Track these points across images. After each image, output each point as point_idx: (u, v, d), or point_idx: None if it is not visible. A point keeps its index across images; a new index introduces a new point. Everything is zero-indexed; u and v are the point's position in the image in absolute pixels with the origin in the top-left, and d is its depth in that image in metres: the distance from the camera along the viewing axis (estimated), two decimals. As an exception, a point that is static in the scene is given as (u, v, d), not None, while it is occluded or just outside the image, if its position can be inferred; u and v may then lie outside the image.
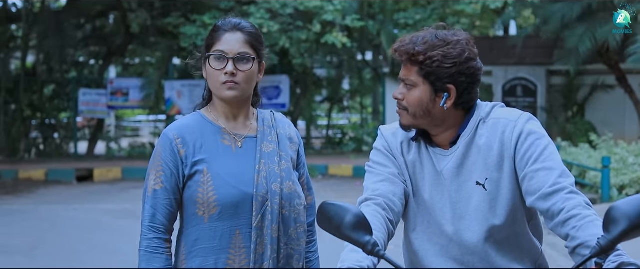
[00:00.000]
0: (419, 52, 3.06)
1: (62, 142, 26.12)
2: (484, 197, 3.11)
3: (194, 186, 3.33)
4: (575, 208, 2.86)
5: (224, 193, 3.30)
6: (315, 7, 20.79)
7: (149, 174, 3.38)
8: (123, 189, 18.59)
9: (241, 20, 3.41)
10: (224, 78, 3.32)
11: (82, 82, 25.75)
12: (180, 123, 3.43)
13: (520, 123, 3.10)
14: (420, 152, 3.24)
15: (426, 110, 3.12)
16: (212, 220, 3.32)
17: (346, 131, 29.04)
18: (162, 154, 3.35)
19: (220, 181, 3.31)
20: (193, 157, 3.33)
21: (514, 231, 3.15)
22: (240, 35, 3.35)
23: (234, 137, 3.42)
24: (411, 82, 3.12)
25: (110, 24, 26.40)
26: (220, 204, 3.30)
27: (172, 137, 3.35)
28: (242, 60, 3.34)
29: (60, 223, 13.61)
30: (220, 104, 3.43)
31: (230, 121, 3.44)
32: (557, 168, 2.99)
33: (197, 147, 3.35)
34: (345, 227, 2.73)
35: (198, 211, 3.34)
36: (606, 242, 2.56)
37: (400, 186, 3.19)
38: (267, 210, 3.35)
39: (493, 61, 23.30)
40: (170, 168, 3.33)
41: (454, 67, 3.05)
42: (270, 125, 3.51)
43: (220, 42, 3.34)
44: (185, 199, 3.37)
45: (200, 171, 3.32)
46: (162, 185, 3.33)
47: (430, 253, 3.23)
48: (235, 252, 3.33)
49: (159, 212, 3.34)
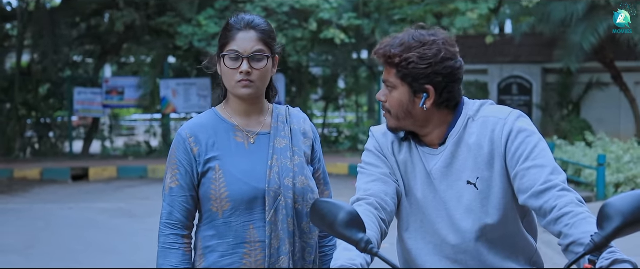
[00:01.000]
0: (395, 54, 3.08)
1: (57, 141, 26.08)
2: (475, 196, 3.11)
3: (207, 183, 3.41)
4: (567, 205, 2.86)
5: (235, 189, 3.37)
6: (312, 5, 20.80)
7: (166, 173, 3.48)
8: (118, 188, 18.57)
9: (254, 18, 3.46)
10: (240, 77, 3.38)
11: (77, 81, 25.69)
12: (194, 122, 3.51)
13: (510, 121, 3.10)
14: (411, 152, 3.24)
15: (407, 111, 3.13)
16: (225, 216, 3.40)
17: (342, 130, 29.06)
18: (177, 152, 3.45)
19: (231, 177, 3.38)
20: (206, 155, 3.41)
21: (508, 230, 3.15)
22: (254, 33, 3.41)
23: (247, 134, 3.48)
24: (391, 84, 3.14)
25: (105, 22, 26.34)
26: (232, 200, 3.37)
27: (185, 136, 3.44)
28: (256, 58, 3.39)
29: (55, 222, 13.60)
30: (235, 101, 3.49)
31: (244, 117, 3.50)
32: (548, 165, 2.99)
33: (210, 145, 3.43)
34: (338, 224, 2.73)
35: (212, 207, 3.41)
36: (600, 239, 2.55)
37: (392, 186, 3.20)
38: (281, 205, 3.41)
39: (489, 59, 23.32)
40: (184, 166, 3.42)
41: (429, 68, 3.06)
42: (284, 120, 3.56)
43: (234, 42, 3.39)
44: (200, 196, 3.45)
45: (213, 168, 3.40)
46: (177, 183, 3.43)
47: (424, 251, 3.23)
48: (250, 247, 3.40)
49: (175, 209, 3.43)
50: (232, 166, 3.39)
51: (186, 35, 21.31)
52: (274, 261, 3.40)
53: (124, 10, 22.54)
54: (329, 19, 20.91)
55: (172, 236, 3.42)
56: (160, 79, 24.67)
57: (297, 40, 21.42)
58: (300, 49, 21.99)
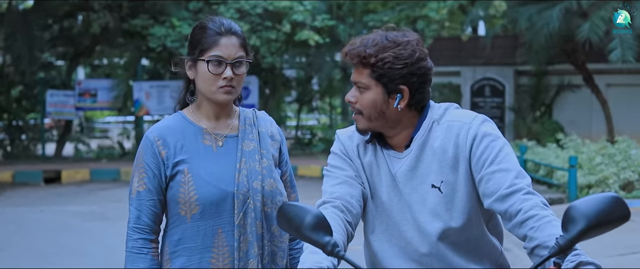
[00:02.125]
0: (370, 54, 3.08)
1: (29, 143, 25.92)
2: (439, 200, 3.12)
3: (176, 186, 3.38)
4: (532, 209, 2.88)
5: (204, 192, 3.35)
6: (285, 7, 20.80)
7: (132, 177, 3.44)
8: (91, 191, 18.50)
9: (231, 22, 3.46)
10: (222, 83, 3.37)
11: (49, 83, 25.55)
12: (161, 124, 3.48)
13: (475, 125, 3.11)
14: (376, 154, 3.25)
15: (380, 111, 3.13)
16: (194, 219, 3.38)
17: (315, 132, 29.06)
18: (144, 156, 3.41)
19: (200, 180, 3.36)
20: (174, 158, 3.39)
21: (472, 233, 3.17)
22: (235, 39, 3.41)
23: (215, 137, 3.47)
24: (363, 84, 3.14)
25: (78, 24, 26.21)
26: (201, 204, 3.35)
27: (152, 139, 3.41)
28: (238, 64, 3.39)
29: (27, 225, 13.53)
30: (208, 105, 3.47)
31: (212, 121, 3.49)
32: (513, 169, 3.01)
33: (178, 148, 3.40)
34: (305, 228, 2.73)
35: (180, 211, 3.39)
36: (564, 242, 2.57)
37: (357, 188, 3.21)
38: (249, 208, 3.40)
39: (461, 61, 23.40)
40: (152, 170, 3.39)
41: (405, 68, 3.07)
42: (251, 123, 3.56)
43: (217, 47, 3.37)
44: (168, 199, 3.43)
45: (181, 172, 3.38)
46: (145, 186, 3.40)
47: (389, 253, 3.24)
48: (218, 250, 3.39)
49: (143, 213, 3.40)
50: (201, 169, 3.37)
51: (159, 37, 21.25)
52: (242, 265, 3.39)
53: (99, 12, 22.46)
54: (302, 21, 20.92)
55: (140, 241, 3.40)
56: (134, 81, 24.58)
57: (271, 41, 21.41)
58: (274, 51, 21.98)
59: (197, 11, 21.68)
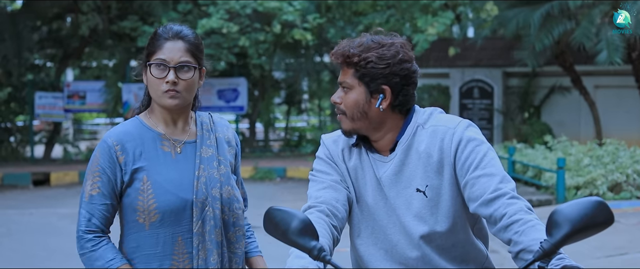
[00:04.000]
0: (354, 54, 3.13)
1: (18, 145, 25.89)
2: (424, 204, 3.15)
3: (134, 193, 3.33)
4: (517, 213, 2.90)
5: (164, 200, 3.31)
6: (274, 8, 20.81)
7: (86, 180, 3.38)
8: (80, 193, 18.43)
9: (182, 28, 3.41)
10: (166, 87, 3.32)
11: (38, 85, 25.51)
12: (120, 129, 3.42)
13: (459, 130, 3.13)
14: (361, 158, 3.28)
15: (363, 111, 3.16)
16: (153, 227, 3.33)
17: (304, 133, 29.07)
18: (101, 160, 3.34)
19: (160, 188, 3.31)
20: (133, 165, 3.33)
21: (458, 237, 3.19)
22: (182, 43, 3.35)
23: (173, 143, 3.42)
24: (348, 84, 3.18)
25: (67, 26, 26.17)
26: (161, 212, 3.31)
27: (111, 144, 3.34)
28: (183, 69, 3.34)
29: (16, 227, 13.50)
30: (159, 110, 3.42)
31: (169, 126, 3.44)
32: (497, 174, 3.04)
33: (137, 154, 3.35)
34: (291, 232, 2.75)
35: (138, 218, 3.34)
36: (549, 246, 2.60)
37: (343, 193, 3.23)
38: (208, 215, 3.36)
39: (450, 63, 23.43)
40: (107, 174, 3.33)
41: (387, 68, 3.11)
42: (208, 128, 3.52)
43: (161, 51, 3.34)
44: (124, 205, 3.37)
45: (140, 179, 3.32)
46: (98, 190, 3.33)
47: (375, 257, 3.26)
48: (178, 258, 3.35)
49: (95, 216, 3.33)
50: (160, 177, 3.33)
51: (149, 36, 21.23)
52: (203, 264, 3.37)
53: (88, 13, 22.44)
54: (292, 21, 20.93)
55: (95, 238, 3.33)
56: (123, 83, 24.56)
57: (260, 43, 21.42)
58: (263, 52, 21.99)
59: (186, 12, 21.68)
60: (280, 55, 23.56)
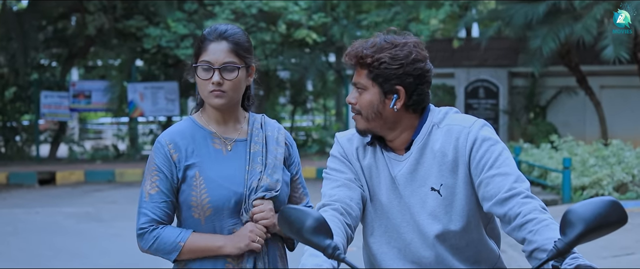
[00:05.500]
0: (367, 54, 3.13)
1: (23, 145, 25.91)
2: (439, 203, 3.15)
3: (188, 189, 3.44)
4: (531, 212, 2.91)
5: (216, 195, 3.41)
6: (280, 7, 20.81)
7: (144, 181, 3.48)
8: (85, 192, 18.48)
9: (228, 27, 3.49)
10: (212, 87, 3.42)
11: (43, 84, 25.54)
12: (173, 129, 3.54)
13: (474, 130, 3.14)
14: (375, 157, 3.28)
15: (377, 112, 3.17)
16: (208, 221, 3.44)
17: (310, 133, 29.06)
18: (156, 159, 3.46)
19: (212, 183, 3.42)
20: (185, 162, 3.44)
21: (471, 237, 3.20)
22: (225, 44, 3.43)
23: (224, 140, 3.52)
24: (362, 85, 3.19)
25: (72, 26, 26.20)
26: (214, 206, 3.41)
27: (164, 143, 3.47)
28: (227, 69, 3.42)
29: (22, 226, 13.51)
30: (210, 109, 3.53)
31: (220, 125, 3.55)
32: (512, 173, 3.04)
33: (189, 151, 3.46)
34: (305, 231, 2.77)
35: (194, 214, 3.45)
36: (563, 245, 2.60)
37: (357, 191, 3.24)
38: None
39: (455, 63, 23.41)
40: (164, 172, 3.44)
41: (401, 68, 3.11)
42: (259, 127, 3.61)
43: (206, 53, 3.43)
44: (180, 203, 3.48)
45: (192, 175, 3.43)
46: (157, 189, 3.44)
47: (388, 256, 3.27)
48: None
49: (156, 214, 3.43)
50: (212, 172, 3.43)
51: (154, 38, 21.26)
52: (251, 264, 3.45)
53: (95, 13, 22.47)
54: (298, 20, 20.93)
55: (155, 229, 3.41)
56: (128, 83, 24.58)
57: (266, 43, 21.42)
58: (269, 53, 21.99)
59: (192, 12, 21.69)
60: (286, 55, 23.52)
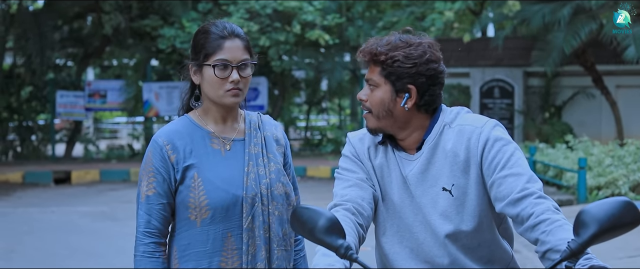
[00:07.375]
0: (381, 52, 3.14)
1: (39, 144, 25.98)
2: (450, 203, 3.15)
3: (185, 190, 3.39)
4: (544, 213, 2.90)
5: (215, 197, 3.36)
6: (294, 7, 20.80)
7: (141, 181, 3.44)
8: (101, 192, 18.53)
9: (233, 25, 3.46)
10: (230, 86, 3.38)
11: (59, 84, 25.60)
12: (169, 129, 3.48)
13: (486, 130, 3.14)
14: (387, 156, 3.28)
15: (388, 110, 3.17)
16: (204, 224, 3.38)
17: (325, 133, 29.05)
18: (153, 160, 3.41)
19: (210, 185, 3.37)
20: (183, 163, 3.40)
21: (484, 237, 3.19)
22: (239, 42, 3.42)
23: (223, 140, 3.48)
24: (374, 82, 3.19)
25: (88, 25, 26.27)
26: (212, 208, 3.36)
27: (161, 144, 3.41)
28: (244, 67, 3.41)
29: (37, 225, 13.56)
30: (215, 108, 3.48)
31: (219, 124, 3.50)
32: (524, 174, 3.03)
33: (187, 152, 3.41)
34: (318, 230, 2.76)
35: (190, 216, 3.40)
36: (576, 245, 2.59)
37: (368, 191, 3.23)
38: (257, 211, 3.41)
39: (470, 63, 23.35)
40: (161, 174, 3.40)
41: (414, 68, 3.11)
42: (256, 127, 3.57)
43: (222, 51, 3.38)
44: (177, 203, 3.43)
45: (191, 176, 3.39)
46: (154, 190, 3.40)
47: (401, 255, 3.26)
48: (227, 254, 3.40)
49: (153, 217, 3.40)
50: (211, 173, 3.39)
51: (168, 38, 21.30)
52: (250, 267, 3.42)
53: (111, 13, 22.52)
54: (312, 21, 20.93)
55: (152, 245, 3.40)
56: (143, 82, 24.63)
57: (281, 43, 21.42)
58: (284, 53, 21.99)
59: (206, 12, 21.71)
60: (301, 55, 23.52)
